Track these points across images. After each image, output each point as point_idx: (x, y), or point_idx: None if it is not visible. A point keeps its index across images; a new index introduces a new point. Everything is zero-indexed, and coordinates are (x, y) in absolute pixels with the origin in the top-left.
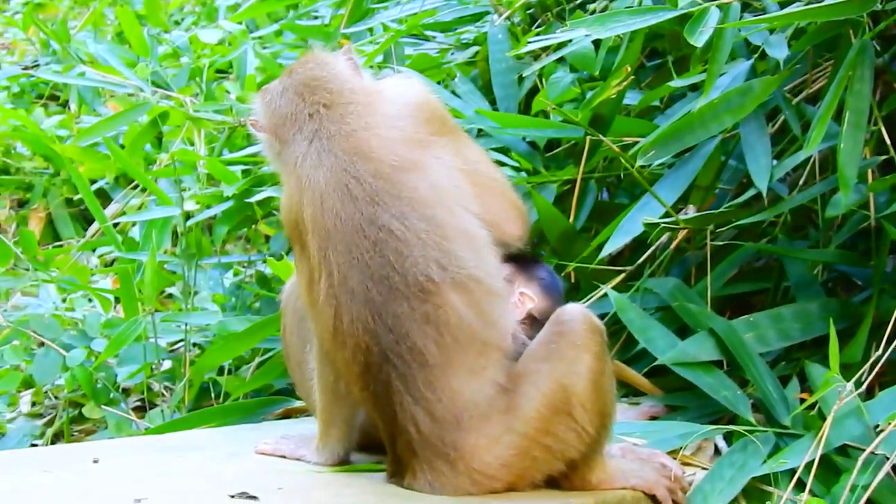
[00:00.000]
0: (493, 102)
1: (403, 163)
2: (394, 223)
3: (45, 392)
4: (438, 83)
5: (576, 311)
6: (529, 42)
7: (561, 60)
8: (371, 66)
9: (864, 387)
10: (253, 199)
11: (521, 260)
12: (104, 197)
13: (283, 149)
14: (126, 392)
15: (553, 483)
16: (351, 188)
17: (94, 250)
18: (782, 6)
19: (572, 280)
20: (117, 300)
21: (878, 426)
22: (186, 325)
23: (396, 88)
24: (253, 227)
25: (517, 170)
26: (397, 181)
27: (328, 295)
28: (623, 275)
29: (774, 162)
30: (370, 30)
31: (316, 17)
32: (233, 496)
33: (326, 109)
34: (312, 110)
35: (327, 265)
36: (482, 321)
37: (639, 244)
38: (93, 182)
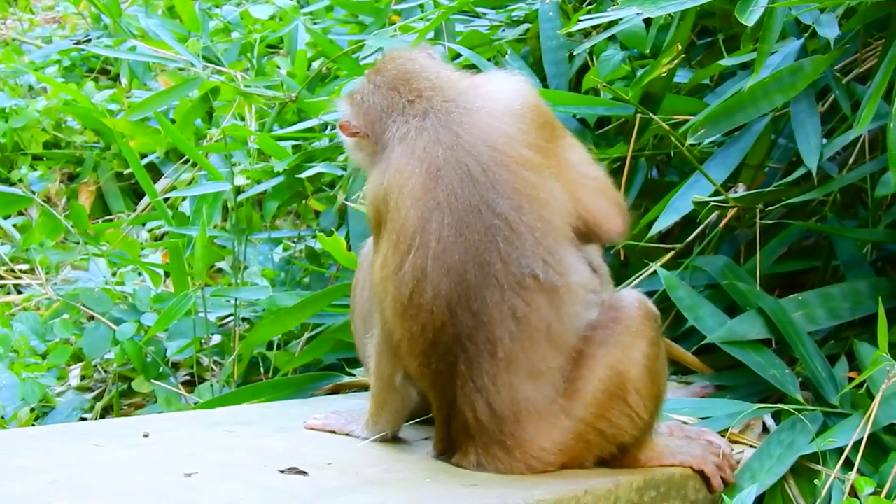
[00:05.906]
0: (543, 80)
1: (526, 162)
2: (512, 214)
3: (95, 366)
4: (489, 60)
5: (632, 298)
6: (580, 20)
7: (612, 38)
8: (422, 42)
9: None
10: (303, 175)
11: None
12: (154, 171)
13: (381, 138)
14: (175, 366)
15: (602, 461)
16: (472, 170)
17: (144, 224)
18: None
19: (622, 258)
20: (167, 274)
21: None
22: (236, 299)
23: (502, 83)
24: (303, 202)
25: None
26: (521, 177)
27: (414, 266)
28: (672, 253)
29: (824, 141)
30: (421, 6)
31: None
32: (282, 471)
33: (432, 93)
34: (413, 97)
35: (425, 236)
36: (559, 328)
37: (688, 222)
38: (143, 156)
